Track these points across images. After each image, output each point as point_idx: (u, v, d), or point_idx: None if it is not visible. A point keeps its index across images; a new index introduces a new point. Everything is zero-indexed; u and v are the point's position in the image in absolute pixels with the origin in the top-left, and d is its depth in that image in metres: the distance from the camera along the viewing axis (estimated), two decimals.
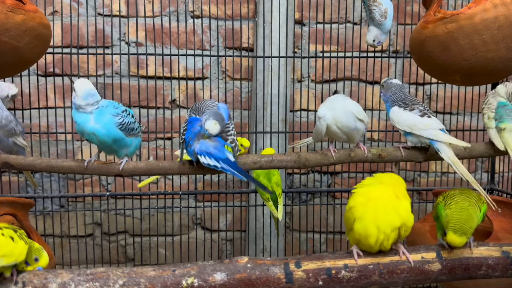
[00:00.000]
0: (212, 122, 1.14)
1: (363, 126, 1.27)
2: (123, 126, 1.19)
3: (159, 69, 1.94)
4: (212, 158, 1.14)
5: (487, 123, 1.30)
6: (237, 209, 2.04)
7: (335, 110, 1.25)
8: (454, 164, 1.21)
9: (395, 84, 1.32)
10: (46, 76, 1.89)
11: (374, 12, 1.37)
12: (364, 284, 1.11)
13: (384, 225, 1.06)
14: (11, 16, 1.18)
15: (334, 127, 1.25)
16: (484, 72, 1.30)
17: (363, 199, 1.10)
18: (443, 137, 1.22)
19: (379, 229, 1.06)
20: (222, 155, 1.14)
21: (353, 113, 1.24)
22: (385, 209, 1.07)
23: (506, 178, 1.98)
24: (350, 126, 1.24)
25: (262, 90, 1.89)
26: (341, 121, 1.24)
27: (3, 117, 1.32)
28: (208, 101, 1.25)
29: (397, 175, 1.21)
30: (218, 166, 1.13)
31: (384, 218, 1.06)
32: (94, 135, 1.18)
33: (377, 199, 1.09)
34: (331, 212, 2.03)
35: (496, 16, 1.22)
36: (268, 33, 1.87)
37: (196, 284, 1.06)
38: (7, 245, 0.98)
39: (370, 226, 1.06)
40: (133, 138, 1.24)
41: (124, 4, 1.84)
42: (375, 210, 1.07)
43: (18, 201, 1.44)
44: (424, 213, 1.99)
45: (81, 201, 1.97)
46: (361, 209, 1.09)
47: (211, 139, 1.16)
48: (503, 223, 1.43)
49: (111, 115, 1.19)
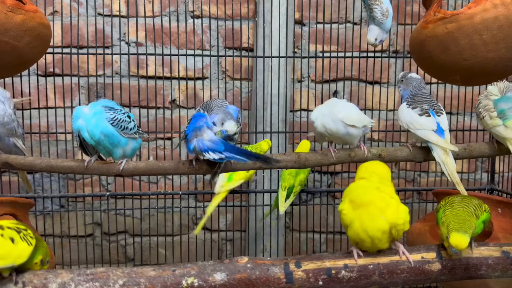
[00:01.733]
0: (232, 123, 1.14)
1: (357, 131, 1.25)
2: (114, 122, 1.18)
3: (159, 69, 1.94)
4: (216, 152, 1.14)
5: (492, 123, 1.29)
6: (237, 209, 2.04)
7: (324, 116, 1.25)
8: (443, 164, 1.22)
9: (415, 79, 1.32)
10: (46, 76, 1.89)
11: (376, 11, 1.37)
12: (364, 284, 1.11)
13: (372, 231, 1.06)
14: (11, 16, 1.18)
15: (325, 133, 1.25)
16: (484, 72, 1.29)
17: (349, 206, 1.10)
18: (433, 138, 1.23)
19: (368, 234, 1.06)
20: (220, 146, 1.14)
21: (342, 121, 1.23)
22: (371, 216, 1.07)
23: (506, 178, 1.98)
24: (339, 133, 1.24)
25: (262, 90, 1.89)
26: (330, 128, 1.24)
27: (6, 114, 1.32)
28: (218, 100, 1.25)
29: (378, 162, 1.21)
30: (224, 157, 1.13)
31: (371, 225, 1.06)
32: (84, 125, 1.18)
33: (363, 205, 1.08)
34: (331, 212, 2.03)
35: (496, 16, 1.22)
36: (268, 33, 1.87)
37: (196, 284, 1.06)
38: (4, 247, 0.97)
39: (361, 232, 1.07)
40: (131, 139, 1.23)
41: (124, 4, 1.84)
42: (360, 218, 1.07)
43: (18, 201, 1.44)
44: (424, 213, 1.99)
45: (81, 201, 1.97)
46: (349, 216, 1.09)
47: (211, 135, 1.16)
48: (503, 223, 1.42)
49: (102, 107, 1.20)
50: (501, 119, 1.27)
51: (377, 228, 1.06)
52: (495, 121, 1.28)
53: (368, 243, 1.08)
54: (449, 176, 1.22)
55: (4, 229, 1.00)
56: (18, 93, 1.74)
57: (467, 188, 1.94)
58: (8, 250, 0.97)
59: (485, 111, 1.31)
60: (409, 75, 1.34)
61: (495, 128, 1.29)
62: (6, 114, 1.32)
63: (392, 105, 2.05)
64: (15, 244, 0.99)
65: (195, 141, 1.15)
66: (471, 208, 1.13)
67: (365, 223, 1.07)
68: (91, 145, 1.22)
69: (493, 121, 1.29)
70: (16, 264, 0.98)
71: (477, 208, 1.14)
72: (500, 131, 1.27)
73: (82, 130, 1.19)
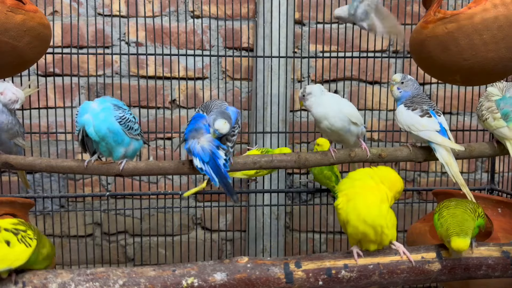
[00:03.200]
0: (222, 121, 1.14)
1: (356, 129, 1.26)
2: (122, 121, 1.19)
3: (159, 69, 1.94)
4: (200, 161, 1.13)
5: (495, 124, 1.29)
6: (237, 209, 2.04)
7: (331, 111, 1.25)
8: (447, 165, 1.22)
9: (414, 80, 1.33)
10: (46, 76, 1.89)
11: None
12: (364, 284, 1.11)
13: (371, 218, 1.06)
14: (11, 16, 1.18)
15: (327, 129, 1.25)
16: (484, 72, 1.29)
17: (344, 199, 1.11)
18: (438, 139, 1.23)
19: (368, 223, 1.06)
20: (206, 157, 1.14)
21: (348, 117, 1.23)
22: (367, 203, 1.07)
23: (506, 178, 1.98)
24: (344, 129, 1.24)
25: (262, 90, 1.89)
26: (335, 124, 1.24)
27: (8, 122, 1.33)
28: (218, 101, 1.25)
29: (391, 170, 1.20)
30: (203, 169, 1.12)
31: (368, 212, 1.06)
32: (91, 120, 1.18)
33: (357, 194, 1.09)
34: (331, 212, 2.03)
35: (496, 16, 1.22)
36: (268, 33, 1.87)
37: (196, 284, 1.06)
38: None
39: (360, 225, 1.07)
40: (133, 140, 1.23)
41: (124, 4, 1.84)
42: (356, 208, 1.07)
43: (18, 201, 1.44)
44: (424, 213, 1.99)
45: (81, 201, 1.97)
46: (344, 210, 1.09)
47: (207, 140, 1.16)
48: (503, 223, 1.42)
49: (112, 104, 1.20)
50: (504, 120, 1.27)
51: (375, 214, 1.06)
52: (499, 122, 1.28)
53: (371, 234, 1.07)
54: (453, 177, 1.21)
55: (1, 231, 0.99)
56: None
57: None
58: (4, 254, 0.96)
59: (488, 112, 1.31)
60: (409, 77, 1.34)
61: (498, 130, 1.28)
62: (9, 121, 1.33)
63: (392, 105, 2.05)
64: (11, 247, 0.98)
65: (190, 141, 1.16)
66: (468, 212, 1.13)
67: (362, 211, 1.06)
68: (93, 142, 1.22)
69: (497, 123, 1.28)
70: (13, 267, 0.98)
71: (472, 212, 1.14)
72: (504, 132, 1.27)
73: (87, 125, 1.18)
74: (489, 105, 1.32)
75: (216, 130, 1.14)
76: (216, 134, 1.15)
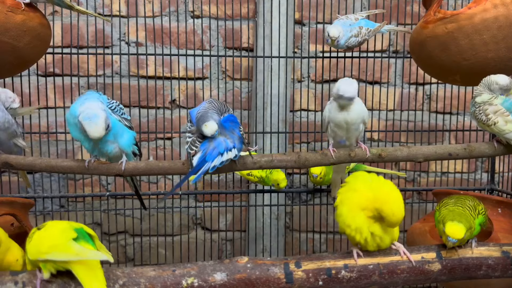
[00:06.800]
0: (208, 123, 1.15)
1: (360, 126, 1.26)
2: (113, 106, 1.20)
3: (159, 69, 1.94)
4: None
5: (509, 128, 1.20)
6: (237, 209, 2.04)
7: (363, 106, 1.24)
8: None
9: None
10: (46, 76, 1.89)
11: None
12: (364, 284, 1.11)
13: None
14: (11, 16, 1.18)
15: (341, 122, 1.24)
16: (484, 72, 1.29)
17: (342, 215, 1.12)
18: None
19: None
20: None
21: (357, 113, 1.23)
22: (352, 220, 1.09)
23: (506, 178, 1.98)
24: (354, 125, 1.24)
25: (262, 90, 1.89)
26: (346, 118, 1.23)
27: (6, 121, 1.33)
28: (218, 102, 1.26)
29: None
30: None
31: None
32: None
33: (355, 191, 1.10)
34: (331, 212, 2.03)
35: (496, 16, 1.22)
36: (268, 33, 1.87)
37: (196, 284, 1.06)
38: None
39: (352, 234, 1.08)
40: (126, 129, 1.22)
41: (124, 4, 1.84)
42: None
43: (18, 201, 1.44)
44: (424, 213, 1.99)
45: (81, 201, 1.97)
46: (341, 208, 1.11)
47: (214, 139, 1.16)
48: (503, 223, 1.42)
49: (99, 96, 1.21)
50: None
51: (358, 220, 1.07)
52: (510, 125, 1.20)
53: (358, 238, 1.08)
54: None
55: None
56: (18, 93, 1.74)
57: (467, 188, 1.95)
58: None
59: (497, 116, 1.22)
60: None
61: (508, 134, 1.20)
62: (6, 120, 1.33)
63: (392, 105, 2.05)
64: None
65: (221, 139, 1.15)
66: (466, 208, 1.14)
67: (346, 217, 1.08)
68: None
69: (510, 126, 1.20)
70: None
71: (472, 209, 1.14)
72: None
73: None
74: (495, 108, 1.22)
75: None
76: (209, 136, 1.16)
